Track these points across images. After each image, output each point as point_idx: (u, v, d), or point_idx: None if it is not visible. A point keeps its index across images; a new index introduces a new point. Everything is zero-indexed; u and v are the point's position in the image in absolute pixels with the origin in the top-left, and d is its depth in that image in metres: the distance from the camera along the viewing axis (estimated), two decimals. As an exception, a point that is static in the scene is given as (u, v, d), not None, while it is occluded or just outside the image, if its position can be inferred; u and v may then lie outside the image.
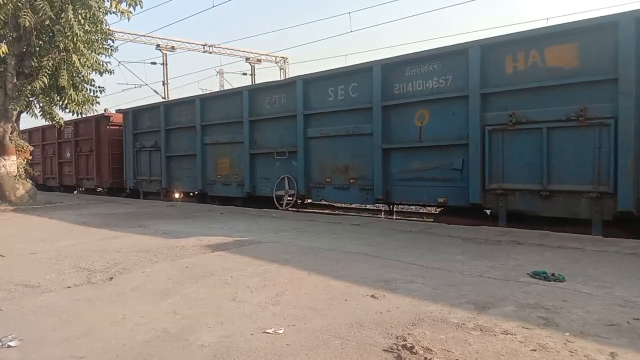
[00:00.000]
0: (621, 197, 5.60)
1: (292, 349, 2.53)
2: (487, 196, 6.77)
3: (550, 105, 6.18)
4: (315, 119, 9.10)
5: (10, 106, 11.12)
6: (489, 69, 6.68)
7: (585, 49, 5.91)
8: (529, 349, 2.42)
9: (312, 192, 9.34)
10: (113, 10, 10.45)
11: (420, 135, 7.54)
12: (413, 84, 7.61)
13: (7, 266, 4.87)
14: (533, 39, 6.33)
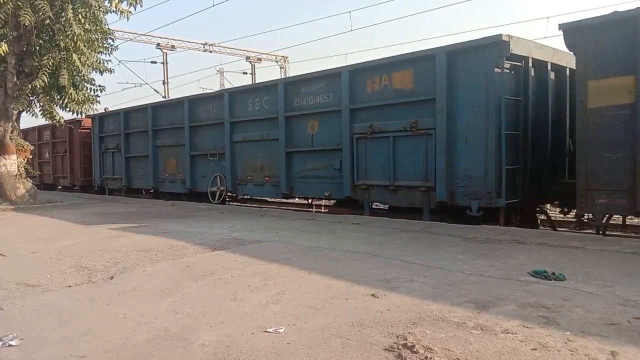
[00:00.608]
0: (439, 190, 7.25)
1: (293, 348, 2.53)
2: (356, 190, 8.49)
3: (395, 119, 7.79)
4: (239, 125, 10.55)
5: (10, 105, 11.12)
6: (356, 89, 8.34)
7: (417, 75, 7.56)
8: (530, 348, 2.42)
9: (238, 188, 10.82)
10: (113, 10, 10.45)
11: (312, 141, 9.18)
12: (307, 99, 9.21)
13: (8, 265, 4.87)
14: (384, 65, 7.98)
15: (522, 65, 6.99)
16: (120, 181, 14.37)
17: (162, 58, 25.92)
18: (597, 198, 5.85)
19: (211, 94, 11.73)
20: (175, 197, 12.42)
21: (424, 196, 7.49)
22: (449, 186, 7.15)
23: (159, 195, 13.10)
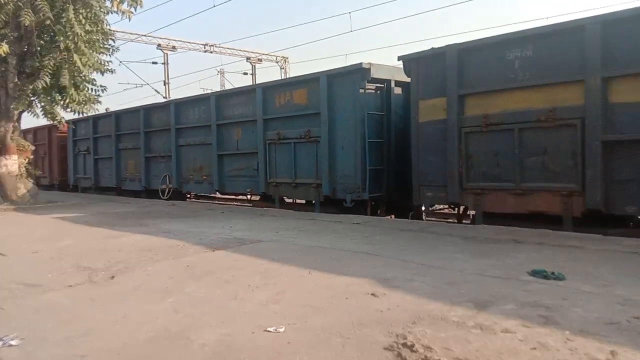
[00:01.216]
0: (324, 187, 8.81)
1: (293, 347, 2.53)
2: (269, 187, 10.02)
3: (295, 128, 9.34)
4: (183, 131, 12.14)
5: (11, 106, 11.13)
6: (268, 103, 9.89)
7: (310, 93, 9.05)
8: (529, 347, 2.43)
9: (182, 185, 12.43)
10: (114, 10, 10.46)
11: (237, 145, 10.72)
12: (233, 110, 10.76)
13: (9, 265, 4.88)
14: (288, 84, 9.81)
15: (385, 86, 8.57)
16: (90, 180, 16.05)
17: (163, 59, 25.97)
18: (426, 192, 7.50)
19: (161, 103, 13.53)
20: (135, 194, 14.00)
21: (315, 191, 9.15)
22: (331, 183, 8.80)
23: (122, 192, 14.73)
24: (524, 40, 6.43)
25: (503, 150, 6.62)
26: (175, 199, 12.24)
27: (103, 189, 15.58)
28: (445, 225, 6.68)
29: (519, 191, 6.47)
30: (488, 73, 6.73)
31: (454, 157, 7.06)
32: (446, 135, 7.12)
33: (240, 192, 11.36)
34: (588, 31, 5.81)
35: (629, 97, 5.57)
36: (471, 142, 6.97)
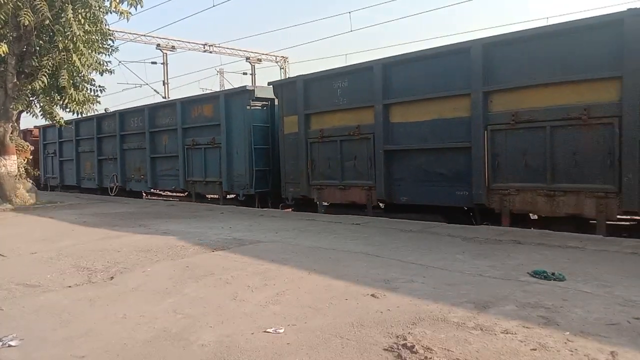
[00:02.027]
0: (224, 184, 10.92)
1: (293, 348, 2.53)
2: (187, 184, 12.15)
3: (205, 136, 11.47)
4: (126, 137, 14.23)
5: (10, 106, 11.12)
6: (185, 115, 12.05)
7: (214, 107, 11.21)
8: (529, 348, 2.43)
9: (126, 184, 14.40)
10: (113, 10, 10.44)
11: (165, 149, 12.82)
12: (162, 120, 12.88)
13: (8, 266, 4.87)
14: (200, 99, 11.92)
15: (269, 103, 10.49)
16: (57, 179, 18.00)
17: (162, 58, 25.92)
18: (289, 187, 9.75)
19: (110, 113, 15.07)
20: (91, 191, 16.01)
21: (219, 187, 11.19)
22: (229, 181, 10.88)
23: (82, 190, 16.69)
24: (343, 75, 8.65)
25: (332, 156, 8.86)
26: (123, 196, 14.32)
27: (67, 187, 17.53)
28: (445, 226, 6.68)
29: (341, 186, 8.75)
30: (322, 98, 8.91)
31: (303, 162, 9.27)
32: (298, 145, 9.36)
33: (168, 189, 13.75)
34: (375, 70, 7.94)
35: (400, 119, 7.80)
36: (314, 150, 9.18)
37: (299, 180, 9.37)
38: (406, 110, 7.72)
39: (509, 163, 6.55)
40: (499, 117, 6.58)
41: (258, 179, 10.31)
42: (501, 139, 6.59)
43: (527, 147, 6.35)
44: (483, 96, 6.66)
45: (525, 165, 6.39)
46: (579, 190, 5.97)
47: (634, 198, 5.59)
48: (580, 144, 5.97)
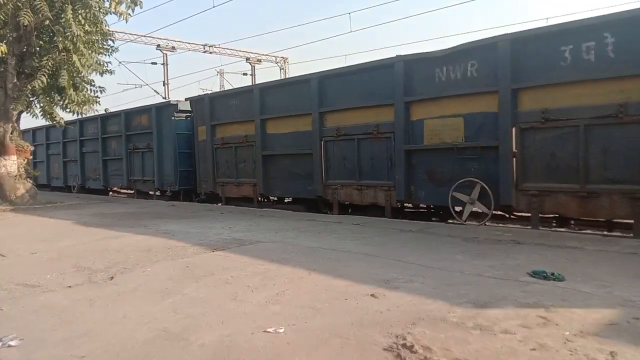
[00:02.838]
0: (156, 182, 13.18)
1: (293, 348, 2.53)
2: (130, 183, 14.40)
3: (143, 142, 13.56)
4: (85, 142, 16.45)
5: (10, 106, 11.12)
6: (128, 123, 14.17)
7: (149, 118, 13.20)
8: (529, 348, 2.43)
9: (86, 182, 16.53)
10: (112, 11, 10.45)
11: (114, 153, 15.04)
12: (111, 127, 15.06)
13: (8, 266, 4.88)
14: (139, 111, 13.90)
15: (192, 115, 12.30)
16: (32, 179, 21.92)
17: (163, 59, 25.93)
18: (202, 184, 11.91)
19: (73, 121, 16.15)
20: (59, 189, 18.05)
21: (152, 186, 13.48)
22: (160, 180, 13.06)
23: (53, 188, 18.48)
24: (235, 95, 11.01)
25: (229, 159, 11.00)
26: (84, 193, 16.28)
27: (40, 185, 18.24)
28: (445, 226, 6.69)
29: (236, 183, 10.92)
30: (223, 112, 11.10)
31: (210, 163, 11.40)
32: (207, 149, 11.42)
33: (117, 186, 15.59)
34: (254, 92, 10.20)
35: (273, 130, 9.96)
36: (218, 154, 11.30)
37: (208, 179, 11.60)
38: (277, 124, 9.93)
39: (335, 166, 8.91)
40: (329, 131, 8.88)
41: (182, 178, 12.54)
42: (330, 147, 8.94)
43: (345, 153, 8.72)
44: (319, 115, 8.95)
45: (344, 167, 8.76)
46: (375, 185, 8.27)
47: (401, 191, 7.80)
48: (374, 151, 8.24)
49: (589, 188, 5.83)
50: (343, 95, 8.62)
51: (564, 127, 5.99)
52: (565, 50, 5.95)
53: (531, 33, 6.30)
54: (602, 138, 5.75)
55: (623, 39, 5.58)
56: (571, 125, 5.93)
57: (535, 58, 6.20)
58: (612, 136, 5.69)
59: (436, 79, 7.23)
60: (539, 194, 6.29)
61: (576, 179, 5.96)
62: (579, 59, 5.86)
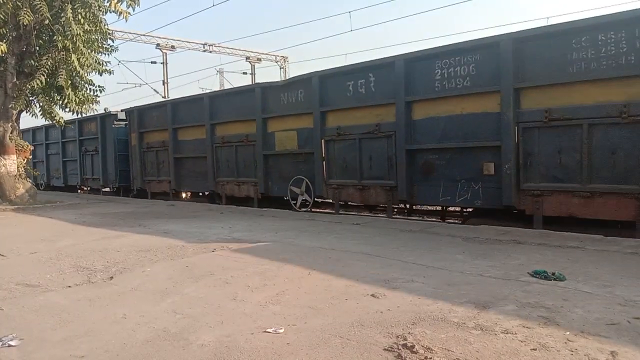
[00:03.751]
0: (102, 180, 15.51)
1: (293, 348, 2.53)
2: (83, 180, 16.53)
3: (92, 145, 15.75)
4: (49, 145, 18.58)
5: (10, 105, 11.11)
6: (82, 129, 16.36)
7: (96, 125, 15.40)
8: (530, 348, 2.42)
9: (50, 181, 18.81)
10: (112, 10, 10.43)
11: (71, 154, 17.13)
12: (69, 132, 16.82)
13: (8, 266, 4.87)
14: (88, 119, 15.48)
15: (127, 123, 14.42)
16: None
17: (162, 58, 25.92)
18: (135, 182, 14.05)
19: (40, 126, 18.74)
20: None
21: (99, 182, 15.66)
22: (104, 178, 15.39)
23: None
24: (157, 108, 13.29)
25: (153, 160, 13.39)
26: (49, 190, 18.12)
27: None
28: (446, 226, 6.68)
29: (158, 180, 13.32)
30: (149, 122, 13.40)
31: (140, 164, 13.79)
32: (137, 152, 13.84)
33: (73, 184, 17.54)
34: (168, 106, 12.68)
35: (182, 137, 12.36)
36: (145, 156, 13.66)
37: (138, 177, 13.92)
38: (186, 132, 12.23)
39: (222, 166, 11.29)
40: (217, 139, 11.23)
41: (121, 177, 14.84)
42: (220, 152, 11.27)
43: (228, 157, 11.08)
44: (211, 127, 11.28)
45: (227, 168, 11.11)
46: (248, 182, 10.79)
47: (261, 186, 10.37)
48: (246, 155, 10.77)
49: (364, 183, 8.41)
50: (226, 112, 11.06)
51: (349, 140, 8.54)
52: (349, 84, 8.48)
53: (331, 72, 8.79)
54: (369, 147, 8.27)
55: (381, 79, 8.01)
56: (352, 138, 8.49)
57: (335, 90, 8.72)
58: (372, 146, 8.23)
59: (282, 101, 9.72)
60: (338, 187, 8.86)
61: (357, 177, 8.45)
62: (357, 91, 8.41)
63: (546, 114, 6.10)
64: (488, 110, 6.68)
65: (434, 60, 7.21)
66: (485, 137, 6.73)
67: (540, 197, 6.30)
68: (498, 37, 6.55)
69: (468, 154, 6.93)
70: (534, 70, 6.26)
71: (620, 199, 5.70)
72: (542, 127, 6.19)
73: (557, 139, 6.10)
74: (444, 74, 7.08)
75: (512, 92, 6.36)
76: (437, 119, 7.26)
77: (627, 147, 5.65)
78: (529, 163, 6.36)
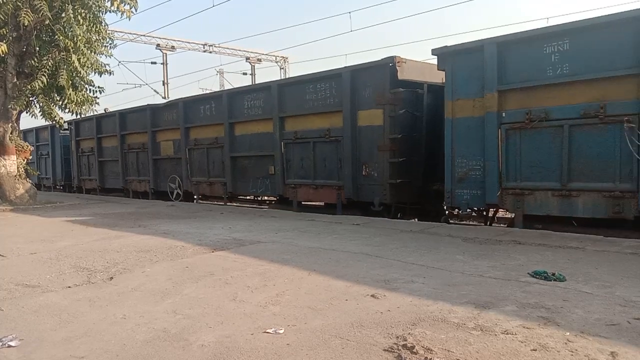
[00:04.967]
0: (52, 180, 19.17)
1: (293, 349, 2.52)
2: (39, 179, 18.87)
3: (45, 150, 19.14)
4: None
5: (10, 106, 11.11)
6: (38, 136, 19.30)
7: (48, 133, 18.67)
8: (530, 349, 2.42)
9: None
10: (113, 10, 10.42)
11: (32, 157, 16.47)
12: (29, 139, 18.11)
13: (8, 266, 4.87)
14: (43, 128, 18.57)
15: None
16: None
17: (162, 59, 25.88)
18: (74, 180, 17.36)
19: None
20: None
21: (51, 181, 18.85)
22: (54, 177, 18.57)
23: None
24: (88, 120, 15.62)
25: (86, 164, 16.27)
26: None
27: None
28: (446, 227, 6.68)
29: (89, 180, 16.27)
30: (82, 131, 16.41)
31: (75, 166, 16.89)
32: (74, 157, 16.88)
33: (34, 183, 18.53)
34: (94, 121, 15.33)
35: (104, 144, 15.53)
36: (80, 160, 16.56)
37: (76, 177, 17.01)
38: (106, 140, 15.28)
39: (130, 167, 14.24)
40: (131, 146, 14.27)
41: (66, 176, 17.91)
42: (126, 157, 14.42)
43: (132, 160, 14.24)
44: (121, 137, 14.35)
45: (133, 169, 14.20)
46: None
47: (152, 183, 13.54)
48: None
49: (211, 180, 11.55)
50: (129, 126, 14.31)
51: (200, 148, 11.72)
52: (201, 108, 11.67)
53: (191, 98, 12.10)
54: (214, 154, 11.45)
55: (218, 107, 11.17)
56: (201, 148, 11.70)
57: (192, 110, 11.90)
58: (216, 152, 11.38)
59: (165, 118, 12.84)
60: (197, 183, 11.95)
61: (206, 175, 11.68)
62: (208, 112, 11.46)
63: (295, 135, 9.38)
64: (269, 131, 9.84)
65: (244, 95, 10.62)
66: (268, 149, 9.94)
67: (295, 188, 9.56)
68: (271, 83, 10.01)
69: (261, 159, 10.24)
70: (289, 105, 9.52)
71: (331, 190, 8.89)
72: (292, 143, 9.48)
73: (301, 151, 9.38)
74: (250, 105, 10.42)
75: (279, 119, 9.60)
76: (247, 136, 10.58)
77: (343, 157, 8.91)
78: (290, 166, 9.62)
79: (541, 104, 6.13)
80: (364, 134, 8.21)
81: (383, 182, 7.93)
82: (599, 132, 5.74)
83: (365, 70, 8.13)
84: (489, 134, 6.50)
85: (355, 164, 8.38)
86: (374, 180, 8.13)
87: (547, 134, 6.12)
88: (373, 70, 7.98)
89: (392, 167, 7.79)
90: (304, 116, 9.20)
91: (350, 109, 8.29)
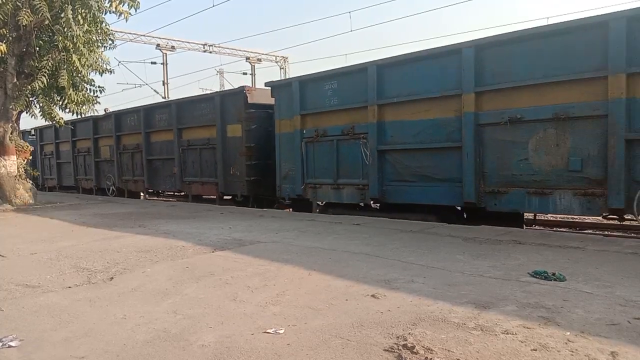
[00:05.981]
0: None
1: (293, 349, 2.52)
2: None
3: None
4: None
5: (10, 106, 11.10)
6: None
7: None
8: (530, 349, 2.42)
9: None
10: (112, 10, 10.42)
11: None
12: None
13: (8, 266, 4.87)
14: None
15: None
16: None
17: (162, 59, 25.93)
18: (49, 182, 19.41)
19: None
20: None
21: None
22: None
23: None
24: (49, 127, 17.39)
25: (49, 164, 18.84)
26: None
27: None
28: (446, 227, 6.68)
29: (50, 178, 18.95)
30: (45, 137, 18.82)
31: (40, 167, 18.41)
32: (40, 159, 19.03)
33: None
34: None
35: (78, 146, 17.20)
36: (43, 162, 19.01)
37: (40, 177, 18.51)
38: (62, 145, 17.60)
39: (79, 168, 16.87)
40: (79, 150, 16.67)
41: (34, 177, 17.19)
42: (77, 159, 16.92)
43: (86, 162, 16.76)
44: (72, 142, 16.83)
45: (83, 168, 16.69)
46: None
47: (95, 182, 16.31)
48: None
49: (135, 178, 13.98)
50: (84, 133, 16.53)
51: (128, 152, 14.06)
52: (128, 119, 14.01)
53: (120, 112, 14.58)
54: (136, 158, 13.91)
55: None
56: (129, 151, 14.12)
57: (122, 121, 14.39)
58: (137, 156, 13.88)
59: (103, 127, 15.48)
60: (125, 181, 14.39)
61: (131, 175, 14.02)
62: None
63: (188, 142, 11.88)
64: (171, 139, 12.29)
65: (155, 110, 13.18)
66: (171, 153, 12.28)
67: (190, 184, 12.01)
68: (171, 101, 12.65)
69: (167, 162, 12.63)
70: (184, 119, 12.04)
71: (211, 185, 11.38)
72: (186, 149, 11.97)
73: (192, 155, 11.88)
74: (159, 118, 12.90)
75: (177, 130, 12.05)
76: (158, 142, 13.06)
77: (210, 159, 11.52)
78: (186, 167, 11.91)
79: (323, 124, 8.74)
80: (231, 143, 10.77)
81: (242, 180, 10.53)
82: (351, 145, 8.30)
83: (229, 96, 10.91)
84: (296, 145, 9.13)
85: (226, 166, 10.88)
86: (237, 178, 10.70)
87: (326, 145, 8.71)
88: (234, 96, 10.69)
89: (248, 168, 10.41)
90: (193, 128, 11.78)
91: (221, 124, 10.87)
